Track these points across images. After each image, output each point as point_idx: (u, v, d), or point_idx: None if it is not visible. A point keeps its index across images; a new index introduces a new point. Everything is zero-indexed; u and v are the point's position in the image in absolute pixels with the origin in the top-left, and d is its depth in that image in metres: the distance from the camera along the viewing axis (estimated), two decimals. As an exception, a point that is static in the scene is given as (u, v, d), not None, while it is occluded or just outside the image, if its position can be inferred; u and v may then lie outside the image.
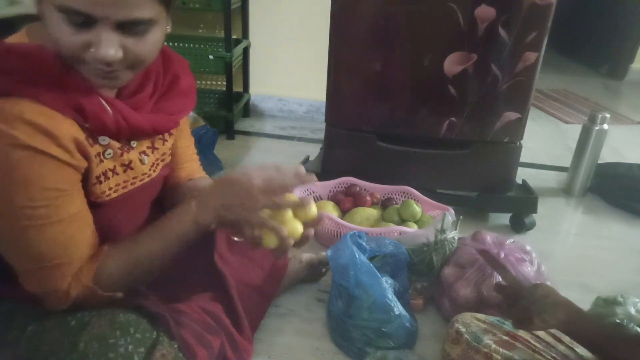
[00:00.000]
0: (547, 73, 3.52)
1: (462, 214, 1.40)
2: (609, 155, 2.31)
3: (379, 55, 1.55)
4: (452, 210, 1.47)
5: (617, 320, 1.13)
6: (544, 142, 2.60)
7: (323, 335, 1.20)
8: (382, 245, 1.27)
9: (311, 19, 2.37)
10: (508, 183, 1.72)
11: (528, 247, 1.28)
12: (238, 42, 2.40)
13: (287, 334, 1.20)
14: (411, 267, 1.29)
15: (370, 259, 1.20)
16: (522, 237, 1.68)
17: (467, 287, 1.20)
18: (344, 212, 1.62)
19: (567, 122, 2.93)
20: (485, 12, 1.45)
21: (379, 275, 1.13)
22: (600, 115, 1.90)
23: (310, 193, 1.69)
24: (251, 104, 2.67)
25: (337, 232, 1.48)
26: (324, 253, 1.31)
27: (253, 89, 2.64)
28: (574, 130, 2.42)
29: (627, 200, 1.94)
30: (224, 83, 2.31)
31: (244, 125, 2.56)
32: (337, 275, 1.17)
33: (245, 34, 2.48)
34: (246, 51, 2.51)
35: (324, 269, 1.37)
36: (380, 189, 1.70)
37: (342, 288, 1.15)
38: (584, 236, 1.76)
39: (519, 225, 1.71)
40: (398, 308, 1.11)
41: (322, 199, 1.70)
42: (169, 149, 0.94)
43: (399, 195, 1.69)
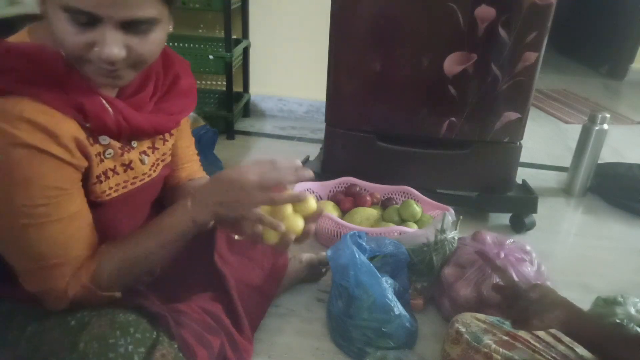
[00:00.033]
0: (547, 73, 3.52)
1: (462, 214, 1.40)
2: (609, 155, 2.31)
3: (379, 55, 1.55)
4: (452, 210, 1.47)
5: (617, 320, 1.13)
6: (544, 142, 2.60)
7: (323, 335, 1.20)
8: (382, 245, 1.27)
9: (311, 19, 2.37)
10: (508, 183, 1.72)
11: (528, 247, 1.28)
12: (238, 42, 2.40)
13: (287, 334, 1.20)
14: (411, 267, 1.29)
15: (370, 259, 1.20)
16: (522, 237, 1.68)
17: (467, 287, 1.20)
18: (344, 212, 1.62)
19: (567, 122, 2.93)
20: (485, 12, 1.45)
21: (379, 275, 1.13)
22: (600, 115, 1.90)
23: (310, 193, 1.69)
24: (251, 104, 2.67)
25: (337, 232, 1.48)
26: (324, 253, 1.31)
27: (253, 89, 2.64)
28: (574, 130, 2.42)
29: (627, 200, 1.94)
30: (224, 83, 2.31)
31: (244, 125, 2.56)
32: (337, 275, 1.17)
33: (245, 34, 2.48)
34: (246, 51, 2.51)
35: (324, 269, 1.37)
36: (380, 189, 1.70)
37: (342, 288, 1.15)
38: (584, 236, 1.77)
39: (519, 225, 1.71)
40: (398, 308, 1.11)
41: (322, 199, 1.70)
42: (169, 149, 0.94)
43: (399, 195, 1.69)
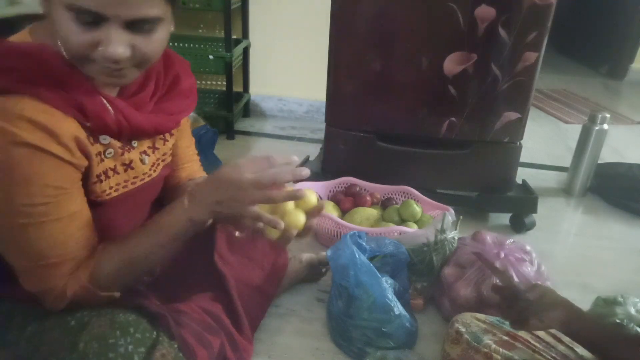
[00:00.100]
0: (547, 73, 3.51)
1: (462, 214, 1.40)
2: (609, 155, 2.31)
3: (379, 55, 1.55)
4: (452, 210, 1.47)
5: (617, 320, 1.13)
6: (544, 142, 2.60)
7: (323, 335, 1.20)
8: (382, 245, 1.27)
9: (311, 19, 2.37)
10: (508, 183, 1.72)
11: (528, 247, 1.28)
12: (238, 42, 2.40)
13: (287, 334, 1.20)
14: (411, 267, 1.29)
15: (370, 259, 1.20)
16: (522, 237, 1.68)
17: (467, 287, 1.20)
18: (344, 212, 1.61)
19: (567, 122, 2.93)
20: (485, 12, 1.45)
21: (379, 275, 1.13)
22: (600, 115, 1.90)
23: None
24: (251, 104, 2.67)
25: (337, 232, 1.48)
26: (324, 253, 1.31)
27: (253, 89, 2.64)
28: (574, 130, 2.42)
29: (627, 200, 1.93)
30: (224, 83, 2.31)
31: (244, 125, 2.55)
32: (337, 275, 1.17)
33: (245, 34, 2.48)
34: (246, 51, 2.51)
35: (324, 269, 1.37)
36: (380, 189, 1.70)
37: (342, 288, 1.15)
38: (584, 236, 1.76)
39: (519, 225, 1.71)
40: (398, 308, 1.11)
41: (322, 199, 1.70)
42: (169, 149, 0.94)
43: (399, 195, 1.69)
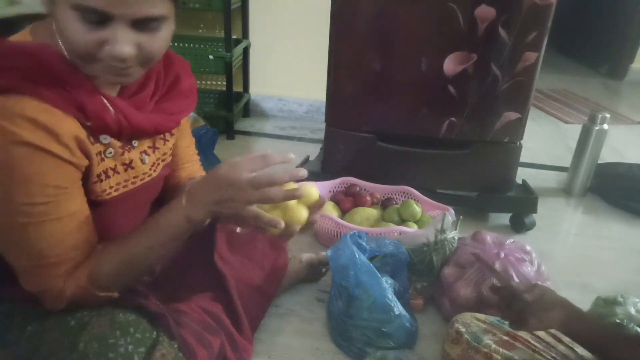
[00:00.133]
0: (547, 73, 3.51)
1: (462, 214, 1.40)
2: (609, 155, 2.31)
3: (379, 55, 1.55)
4: (452, 210, 1.47)
5: (617, 320, 1.13)
6: (544, 142, 2.60)
7: (323, 335, 1.20)
8: (382, 245, 1.27)
9: (311, 19, 2.37)
10: (508, 183, 1.72)
11: (528, 247, 1.28)
12: (238, 42, 2.40)
13: (287, 334, 1.20)
14: (411, 267, 1.28)
15: (370, 259, 1.20)
16: (522, 237, 1.68)
17: (467, 287, 1.20)
18: (344, 212, 1.61)
19: (567, 122, 2.93)
20: (485, 12, 1.45)
21: (379, 275, 1.13)
22: (600, 115, 1.90)
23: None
24: (251, 104, 2.67)
25: (337, 232, 1.48)
26: (324, 253, 1.31)
27: (253, 89, 2.64)
28: (574, 130, 2.42)
29: (627, 200, 1.93)
30: (224, 83, 2.31)
31: (244, 125, 2.55)
32: (337, 275, 1.17)
33: (245, 34, 2.48)
34: (246, 51, 2.51)
35: (324, 269, 1.37)
36: (380, 189, 1.70)
37: (342, 288, 1.15)
38: (584, 236, 1.76)
39: (519, 225, 1.71)
40: (398, 308, 1.11)
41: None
42: (169, 148, 0.94)
43: (399, 195, 1.69)
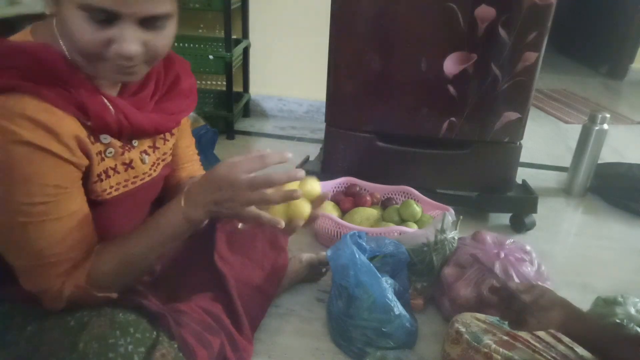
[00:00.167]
0: (547, 73, 3.52)
1: (462, 214, 1.40)
2: (609, 155, 2.31)
3: (379, 55, 1.55)
4: (452, 210, 1.47)
5: (617, 320, 1.13)
6: (544, 142, 2.60)
7: (323, 335, 1.20)
8: (382, 245, 1.27)
9: (311, 19, 2.37)
10: (508, 183, 1.72)
11: (528, 247, 1.28)
12: (238, 42, 2.40)
13: (287, 334, 1.20)
14: (411, 267, 1.28)
15: (370, 259, 1.20)
16: (522, 237, 1.68)
17: (467, 287, 1.20)
18: (344, 212, 1.61)
19: (567, 122, 2.93)
20: (485, 12, 1.45)
21: (379, 275, 1.13)
22: (600, 115, 1.90)
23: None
24: (251, 104, 2.67)
25: (337, 232, 1.48)
26: (324, 253, 1.31)
27: (253, 89, 2.64)
28: (574, 130, 2.42)
29: (627, 200, 1.93)
30: (224, 83, 2.31)
31: (244, 125, 2.55)
32: (337, 275, 1.17)
33: (245, 34, 2.48)
34: (246, 51, 2.51)
35: (324, 269, 1.37)
36: (380, 189, 1.70)
37: (342, 288, 1.15)
38: (584, 236, 1.76)
39: (519, 225, 1.71)
40: (398, 308, 1.11)
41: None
42: (169, 148, 0.94)
43: (399, 195, 1.69)
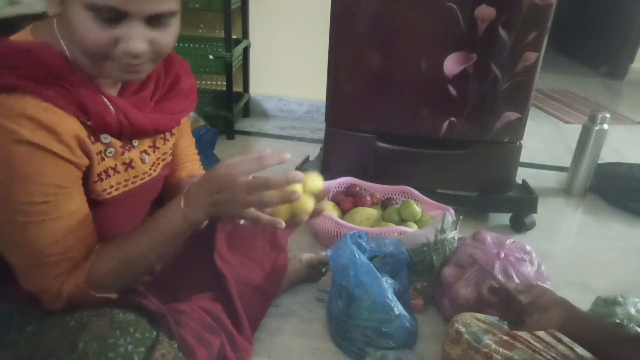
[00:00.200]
0: (547, 73, 3.52)
1: (462, 214, 1.40)
2: (609, 155, 2.31)
3: (379, 56, 1.55)
4: (452, 210, 1.46)
5: (617, 320, 1.13)
6: (544, 142, 2.60)
7: (323, 335, 1.20)
8: (382, 245, 1.27)
9: (311, 19, 2.37)
10: (508, 183, 1.72)
11: (528, 247, 1.28)
12: (238, 42, 2.40)
13: (287, 334, 1.20)
14: (411, 267, 1.28)
15: (370, 259, 1.20)
16: (522, 237, 1.68)
17: (467, 287, 1.20)
18: (344, 212, 1.61)
19: (567, 122, 2.93)
20: (485, 12, 1.45)
21: (379, 275, 1.13)
22: (600, 115, 1.90)
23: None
24: (251, 104, 2.67)
25: (337, 232, 1.47)
26: (324, 253, 1.31)
27: (253, 89, 2.64)
28: (574, 130, 2.42)
29: (627, 200, 1.93)
30: (224, 83, 2.31)
31: (244, 125, 2.55)
32: (337, 275, 1.17)
33: (245, 34, 2.48)
34: (246, 51, 2.51)
35: (324, 269, 1.37)
36: (380, 189, 1.69)
37: (342, 288, 1.15)
38: (584, 236, 1.76)
39: (519, 225, 1.71)
40: (398, 308, 1.11)
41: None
42: (169, 148, 0.94)
43: (399, 195, 1.69)
